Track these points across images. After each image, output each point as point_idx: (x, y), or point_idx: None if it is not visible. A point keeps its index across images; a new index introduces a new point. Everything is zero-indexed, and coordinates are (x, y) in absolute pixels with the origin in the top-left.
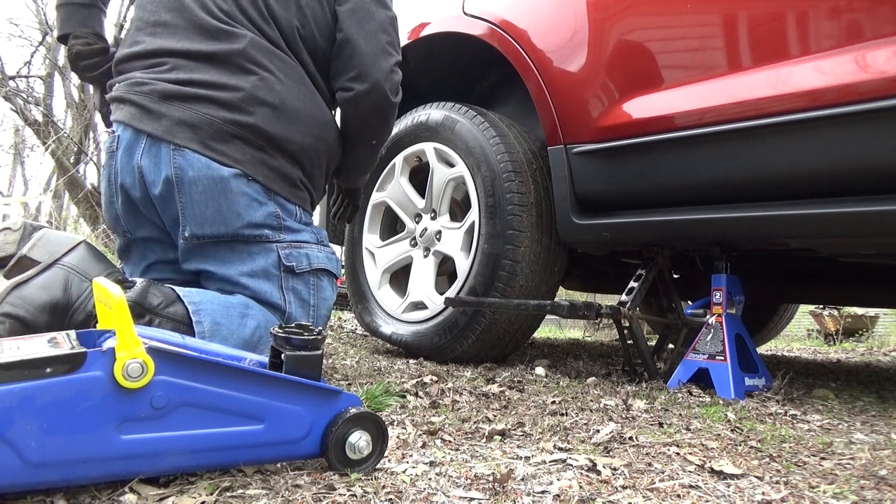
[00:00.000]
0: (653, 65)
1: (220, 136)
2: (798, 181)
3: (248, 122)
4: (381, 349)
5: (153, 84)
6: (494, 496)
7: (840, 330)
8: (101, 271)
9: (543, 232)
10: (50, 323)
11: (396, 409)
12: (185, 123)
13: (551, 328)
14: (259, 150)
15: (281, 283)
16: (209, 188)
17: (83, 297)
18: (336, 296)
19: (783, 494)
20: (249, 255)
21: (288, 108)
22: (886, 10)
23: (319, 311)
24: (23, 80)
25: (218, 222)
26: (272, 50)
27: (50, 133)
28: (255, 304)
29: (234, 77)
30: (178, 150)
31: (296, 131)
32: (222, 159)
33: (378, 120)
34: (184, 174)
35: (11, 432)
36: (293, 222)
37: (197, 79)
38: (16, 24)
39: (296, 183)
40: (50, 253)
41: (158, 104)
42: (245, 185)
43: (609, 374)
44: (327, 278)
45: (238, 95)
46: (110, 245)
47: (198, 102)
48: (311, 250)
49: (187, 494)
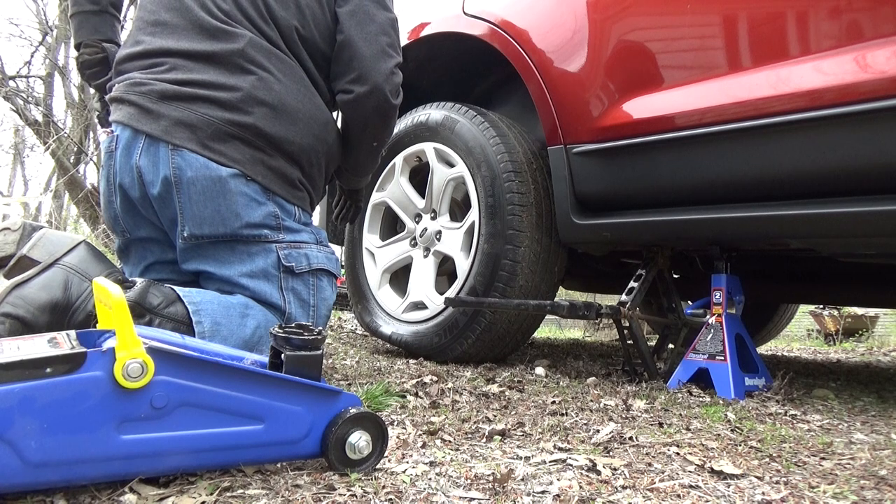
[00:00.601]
0: (653, 65)
1: (219, 136)
2: (798, 181)
3: (246, 122)
4: (381, 349)
5: (152, 84)
6: (494, 496)
7: (840, 330)
8: (101, 271)
9: (543, 232)
10: (50, 323)
11: (396, 409)
12: (183, 123)
13: (551, 328)
14: (258, 150)
15: (280, 284)
16: (207, 188)
17: (83, 297)
18: (336, 296)
19: (783, 494)
20: (249, 256)
21: (287, 108)
22: (886, 10)
23: (319, 311)
24: (23, 80)
25: (216, 222)
26: (271, 50)
27: (50, 133)
28: (255, 304)
29: (233, 77)
30: (177, 150)
31: (295, 132)
32: (221, 159)
33: (379, 122)
34: (182, 174)
35: (11, 432)
36: (292, 222)
37: (195, 79)
38: (16, 24)
39: (294, 183)
40: (50, 253)
41: (157, 104)
42: (244, 185)
43: (609, 374)
44: (327, 278)
45: (237, 95)
46: (110, 245)
47: (196, 102)
48: (311, 250)
49: (187, 494)
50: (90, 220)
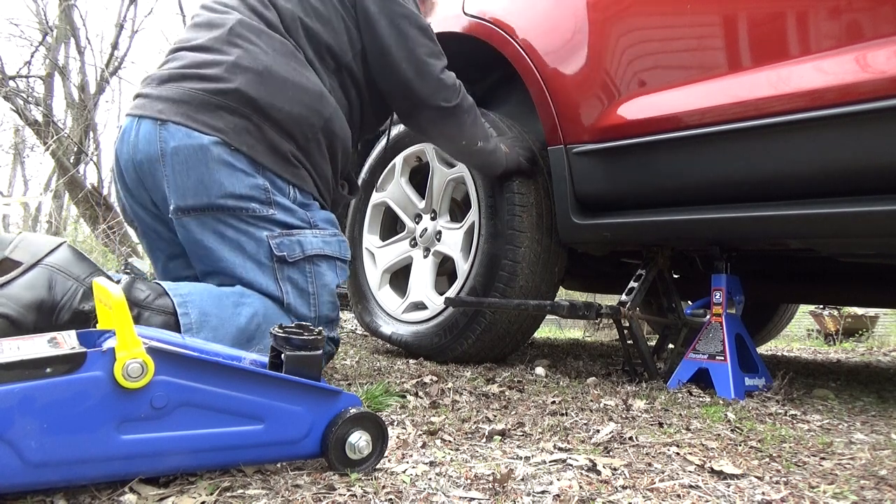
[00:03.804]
0: (653, 65)
1: (205, 106)
2: (798, 181)
3: (229, 88)
4: (381, 349)
5: (157, 74)
6: (494, 496)
7: (840, 330)
8: (83, 271)
9: (543, 232)
10: (37, 321)
11: (396, 409)
12: (171, 100)
13: (551, 328)
14: (243, 118)
15: (276, 274)
16: (190, 157)
17: (68, 296)
18: (339, 280)
19: (783, 494)
20: (239, 246)
21: (274, 75)
22: (886, 10)
23: (321, 297)
24: (23, 80)
25: (200, 192)
26: (262, 29)
27: (50, 133)
28: (251, 293)
29: (220, 54)
30: (163, 124)
31: (283, 99)
32: (202, 128)
33: (450, 128)
34: (166, 146)
35: (11, 432)
36: (285, 199)
37: (188, 62)
38: (16, 25)
39: (287, 158)
40: (32, 254)
41: (156, 89)
42: (227, 155)
43: (609, 374)
44: (326, 263)
45: (222, 67)
46: (110, 245)
47: (186, 80)
48: (304, 236)
49: (187, 494)
50: (90, 220)
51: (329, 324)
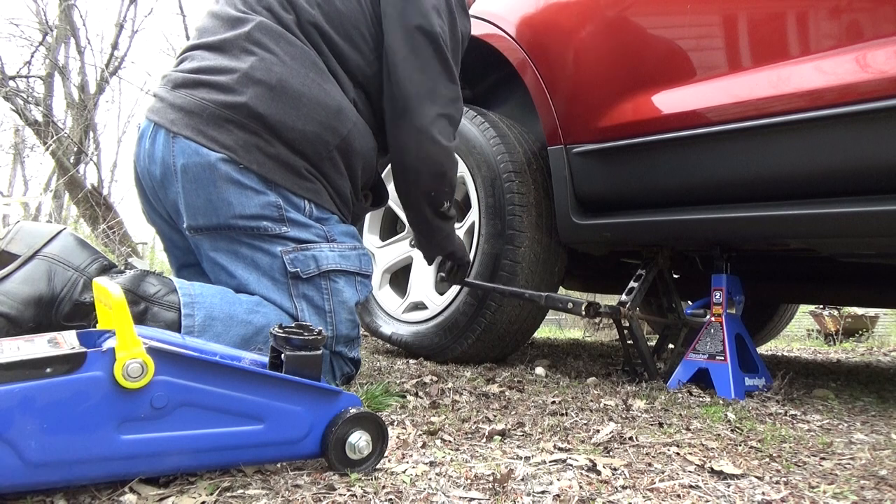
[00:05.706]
0: (653, 65)
1: (214, 120)
2: (798, 181)
3: (239, 102)
4: (381, 349)
5: (172, 75)
6: (494, 496)
7: (840, 330)
8: (85, 258)
9: (543, 232)
10: (36, 316)
11: (396, 409)
12: (183, 110)
13: (551, 328)
14: (252, 134)
15: (290, 291)
16: (198, 176)
17: (68, 287)
18: (360, 297)
19: (783, 494)
20: (253, 262)
21: (287, 89)
22: (886, 10)
23: (338, 315)
24: (23, 80)
25: (209, 212)
26: (281, 33)
27: (50, 133)
28: (269, 304)
29: (235, 60)
30: (175, 138)
31: (295, 116)
32: (210, 144)
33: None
34: (177, 162)
35: (12, 432)
36: (299, 216)
37: (202, 66)
38: (16, 25)
39: (301, 173)
40: (29, 245)
41: (170, 93)
42: (236, 173)
43: (609, 374)
44: (344, 279)
45: (233, 77)
46: (110, 245)
47: (198, 88)
48: (320, 251)
49: (187, 494)
50: (90, 220)
51: (348, 343)
